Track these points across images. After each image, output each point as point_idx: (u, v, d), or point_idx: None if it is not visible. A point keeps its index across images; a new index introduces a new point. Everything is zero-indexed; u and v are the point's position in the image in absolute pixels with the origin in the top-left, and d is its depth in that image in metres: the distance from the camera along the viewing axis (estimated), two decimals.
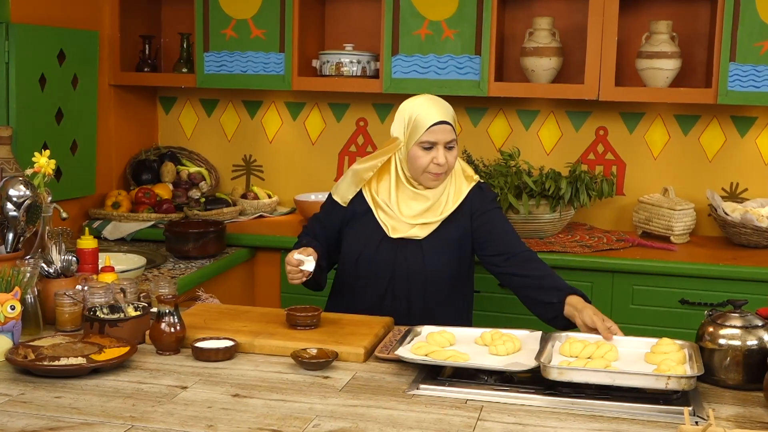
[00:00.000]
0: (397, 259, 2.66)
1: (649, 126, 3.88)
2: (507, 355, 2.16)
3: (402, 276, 2.66)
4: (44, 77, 3.50)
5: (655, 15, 3.74)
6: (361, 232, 2.70)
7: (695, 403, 1.92)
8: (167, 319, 2.23)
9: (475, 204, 2.70)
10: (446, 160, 2.60)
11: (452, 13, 3.65)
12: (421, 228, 2.65)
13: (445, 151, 2.60)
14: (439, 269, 2.65)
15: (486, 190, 2.76)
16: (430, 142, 2.59)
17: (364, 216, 2.69)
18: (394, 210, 2.65)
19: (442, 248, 2.66)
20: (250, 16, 3.86)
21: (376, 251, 2.67)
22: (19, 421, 1.80)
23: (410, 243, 2.65)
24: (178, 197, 4.08)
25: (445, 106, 2.66)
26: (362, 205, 2.71)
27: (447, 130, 2.60)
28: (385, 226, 2.66)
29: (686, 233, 3.65)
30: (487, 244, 2.69)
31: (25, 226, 2.47)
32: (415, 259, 2.65)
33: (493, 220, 2.70)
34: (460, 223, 2.68)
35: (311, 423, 1.81)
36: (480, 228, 2.69)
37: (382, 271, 2.67)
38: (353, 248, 2.70)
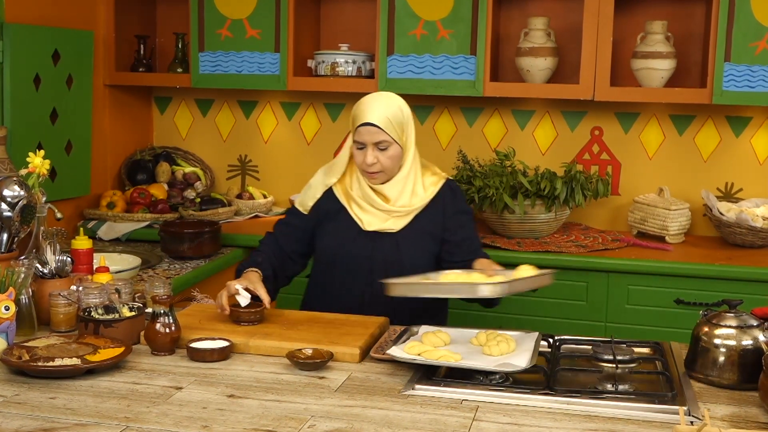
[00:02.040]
0: (373, 252, 2.68)
1: (644, 126, 3.88)
2: (500, 356, 2.16)
3: (379, 269, 2.66)
4: (39, 77, 3.49)
5: (650, 15, 3.74)
6: (336, 229, 2.71)
7: (691, 403, 1.92)
8: (162, 319, 2.22)
9: (448, 203, 2.73)
10: (376, 160, 2.61)
11: (447, 13, 3.65)
12: (395, 220, 2.67)
13: (376, 151, 2.61)
14: (415, 262, 2.67)
15: (457, 191, 2.78)
16: (360, 142, 2.62)
17: (338, 214, 2.71)
18: (366, 203, 2.68)
19: (417, 241, 2.69)
20: (245, 16, 3.85)
21: (352, 245, 2.68)
22: (13, 422, 1.79)
23: (385, 236, 2.68)
24: (173, 197, 4.07)
25: (385, 105, 2.63)
26: (334, 204, 2.72)
27: (373, 131, 2.59)
28: (359, 220, 2.68)
29: (681, 233, 3.65)
30: (455, 249, 2.71)
31: (19, 226, 2.46)
32: (392, 252, 2.68)
33: (465, 226, 2.75)
34: (434, 219, 2.71)
35: (307, 423, 1.81)
36: (451, 231, 2.72)
37: (359, 265, 2.69)
38: (329, 244, 2.72)
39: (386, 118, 2.60)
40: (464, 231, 2.73)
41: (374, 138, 2.59)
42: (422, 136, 4.07)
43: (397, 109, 2.64)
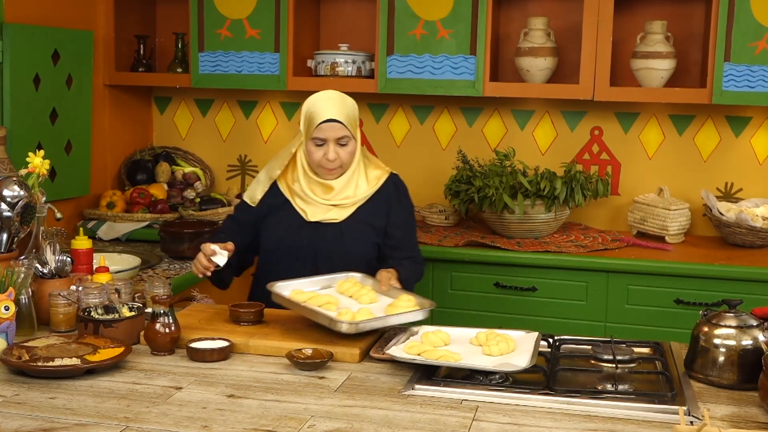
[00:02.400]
0: (317, 242, 2.73)
1: (644, 126, 3.88)
2: (500, 356, 2.16)
3: (324, 260, 2.72)
4: (38, 77, 3.49)
5: (650, 15, 3.74)
6: (280, 221, 2.77)
7: (690, 403, 1.92)
8: (162, 319, 2.22)
9: (392, 199, 2.81)
10: (337, 155, 2.69)
11: (447, 13, 3.65)
12: (338, 211, 2.74)
13: (336, 147, 2.69)
14: (360, 252, 2.74)
15: (401, 187, 2.86)
16: (321, 138, 2.69)
17: (282, 206, 2.77)
18: (309, 195, 2.74)
19: (361, 231, 2.75)
20: (244, 16, 3.85)
21: (297, 236, 2.74)
22: (13, 422, 1.79)
23: (330, 226, 2.74)
24: (173, 197, 4.07)
25: (342, 102, 2.73)
26: (278, 198, 2.79)
27: (336, 127, 2.68)
28: (302, 212, 2.75)
29: (681, 233, 3.65)
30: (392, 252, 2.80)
31: (19, 226, 2.46)
32: (336, 242, 2.73)
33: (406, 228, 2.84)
34: (377, 210, 2.78)
35: (306, 423, 1.81)
36: (393, 228, 2.80)
37: (303, 255, 2.73)
38: (273, 235, 2.77)
39: (347, 115, 2.70)
40: (403, 233, 2.83)
41: (337, 134, 2.68)
42: (422, 136, 4.08)
43: (352, 105, 2.76)
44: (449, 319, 3.47)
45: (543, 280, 3.46)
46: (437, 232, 3.77)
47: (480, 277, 3.51)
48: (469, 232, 3.77)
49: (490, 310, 3.50)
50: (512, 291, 3.48)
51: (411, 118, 4.09)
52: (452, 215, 3.89)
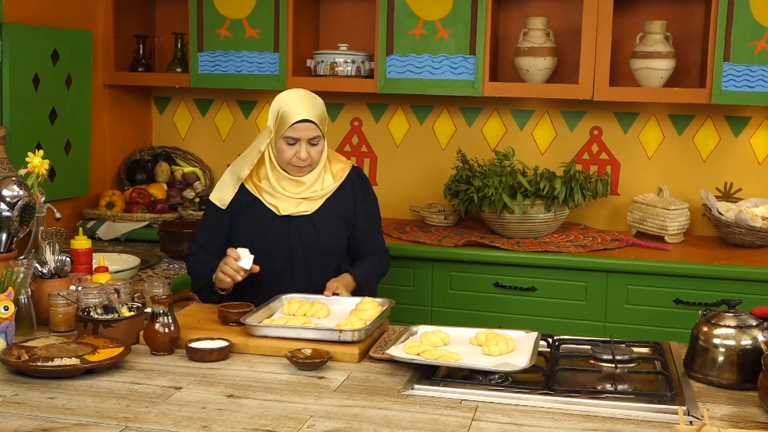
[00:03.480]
0: (291, 235, 2.76)
1: (643, 126, 3.88)
2: (499, 356, 2.16)
3: (298, 252, 2.76)
4: (38, 77, 3.49)
5: (650, 15, 3.74)
6: (251, 217, 2.78)
7: (690, 403, 1.93)
8: (161, 319, 2.22)
9: (357, 190, 2.86)
10: (309, 155, 2.73)
11: (447, 13, 3.65)
12: (308, 203, 2.78)
13: (308, 146, 2.73)
14: (333, 242, 2.79)
15: (364, 178, 2.92)
16: (293, 138, 2.71)
17: (252, 204, 2.79)
18: (279, 190, 2.76)
19: (333, 222, 2.79)
20: (244, 16, 3.85)
21: (269, 231, 2.76)
22: (12, 422, 1.79)
23: (302, 219, 2.77)
24: (172, 197, 4.07)
25: (313, 102, 2.76)
26: (247, 196, 2.80)
27: (310, 127, 2.71)
28: (273, 207, 2.77)
29: (680, 233, 3.65)
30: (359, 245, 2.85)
31: (18, 226, 2.46)
32: (309, 234, 2.76)
33: (370, 220, 2.88)
34: (344, 203, 2.82)
35: (306, 423, 1.81)
36: (359, 221, 2.84)
37: (278, 249, 2.75)
38: (246, 231, 2.77)
39: (318, 115, 2.74)
40: (369, 224, 2.87)
41: (310, 134, 2.71)
42: (421, 136, 4.08)
43: (322, 105, 2.80)
44: (449, 319, 3.47)
45: (542, 280, 3.46)
46: (437, 231, 3.77)
47: (479, 277, 3.51)
48: (468, 232, 3.77)
49: (490, 310, 3.50)
50: (512, 291, 3.48)
51: (410, 117, 4.09)
52: (452, 215, 3.89)
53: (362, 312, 2.40)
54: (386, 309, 2.45)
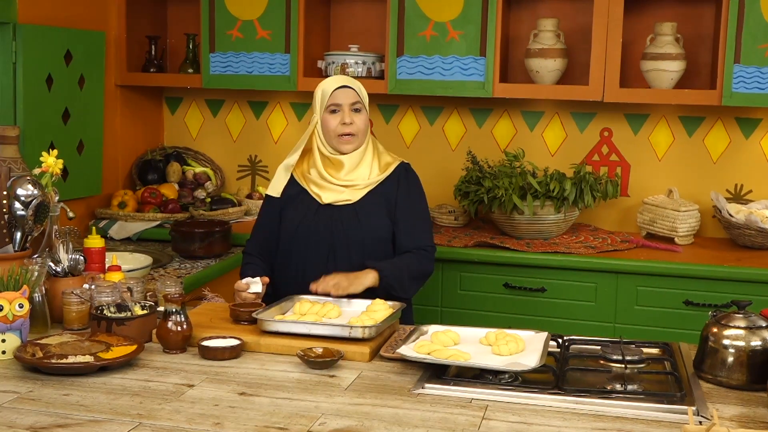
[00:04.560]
0: (333, 224, 2.79)
1: (653, 127, 3.88)
2: (509, 355, 2.17)
3: (341, 241, 2.78)
4: (51, 77, 3.52)
5: (660, 17, 3.75)
6: (297, 207, 2.84)
7: (699, 403, 1.93)
8: (174, 317, 2.24)
9: (402, 183, 2.86)
10: (353, 120, 2.79)
11: (457, 15, 3.66)
12: (351, 192, 2.81)
13: (351, 112, 2.80)
14: (375, 233, 2.80)
15: (411, 173, 2.92)
16: (335, 104, 2.80)
17: (299, 195, 2.85)
18: (324, 176, 2.81)
19: (375, 213, 2.81)
20: (255, 17, 3.87)
21: (313, 219, 2.80)
22: (27, 418, 1.81)
23: (345, 208, 2.80)
24: (183, 197, 4.09)
25: (350, 79, 2.88)
26: (294, 188, 2.87)
27: (349, 93, 2.81)
28: (317, 196, 2.82)
29: (690, 234, 3.65)
30: (401, 237, 2.83)
31: (32, 225, 2.48)
32: (351, 223, 2.79)
33: (412, 213, 2.86)
34: (389, 194, 2.83)
35: (317, 421, 1.82)
36: (400, 212, 2.84)
37: (321, 238, 2.79)
38: (291, 220, 2.83)
39: (357, 86, 2.84)
40: (408, 216, 2.85)
41: (350, 99, 2.80)
42: (432, 137, 4.09)
43: (360, 84, 2.88)
44: (458, 319, 3.48)
45: (552, 281, 3.47)
46: (447, 232, 3.78)
47: (489, 277, 3.52)
48: (478, 232, 3.78)
49: (500, 311, 3.51)
50: (521, 291, 3.49)
51: (420, 118, 4.10)
52: (462, 216, 3.90)
53: (373, 313, 2.41)
54: (397, 310, 2.46)
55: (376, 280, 2.69)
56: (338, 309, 2.48)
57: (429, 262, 2.85)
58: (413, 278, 2.78)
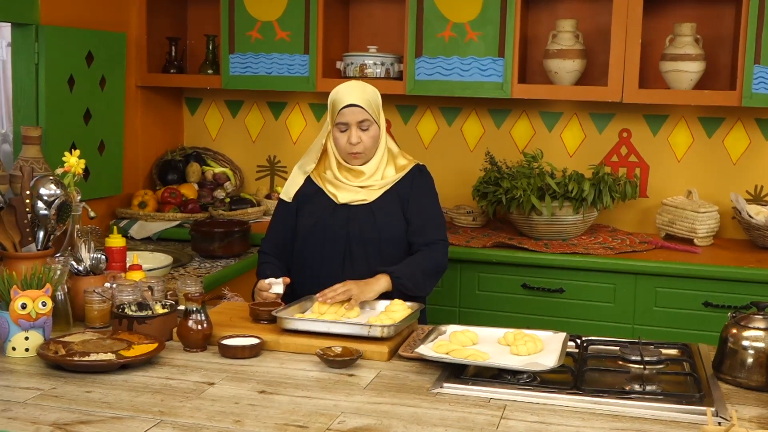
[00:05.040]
0: (349, 223, 2.80)
1: (672, 128, 3.87)
2: (528, 356, 2.18)
3: (357, 240, 2.79)
4: (73, 78, 3.55)
5: (679, 17, 3.74)
6: (313, 206, 2.85)
7: (718, 404, 1.93)
8: (194, 316, 2.26)
9: (416, 182, 2.86)
10: (360, 140, 2.76)
11: (476, 16, 3.67)
12: (367, 192, 2.81)
13: (358, 131, 2.76)
14: (390, 232, 2.80)
15: (425, 173, 2.91)
16: (344, 123, 2.77)
17: (315, 195, 2.86)
18: (340, 179, 2.82)
19: (391, 212, 2.81)
20: (275, 18, 3.89)
21: (330, 218, 2.81)
22: (51, 414, 1.83)
23: (360, 208, 2.81)
24: (203, 197, 4.12)
25: (362, 89, 2.80)
26: (311, 187, 2.87)
27: (356, 111, 2.76)
28: (333, 196, 2.82)
29: (710, 236, 3.64)
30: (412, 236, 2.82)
31: (55, 224, 2.51)
32: (367, 222, 2.79)
33: (425, 211, 2.84)
34: (403, 192, 2.83)
35: (336, 420, 1.83)
36: (412, 211, 2.83)
37: (337, 237, 2.80)
38: (307, 219, 2.84)
39: (367, 100, 2.78)
40: (420, 211, 2.84)
41: (357, 117, 2.76)
42: (450, 138, 4.10)
43: (373, 92, 2.83)
44: (476, 319, 3.49)
45: (570, 282, 3.46)
46: (465, 233, 3.78)
47: (507, 278, 3.52)
48: (496, 233, 3.78)
49: (518, 311, 3.51)
50: (540, 292, 3.49)
51: (439, 119, 4.11)
52: (480, 216, 3.90)
53: (392, 313, 2.42)
54: (415, 310, 2.47)
55: (389, 285, 2.65)
56: (357, 309, 2.49)
57: (442, 256, 2.83)
58: (427, 275, 2.77)
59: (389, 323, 2.30)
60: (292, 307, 2.46)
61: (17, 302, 2.16)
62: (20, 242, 2.45)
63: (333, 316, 2.42)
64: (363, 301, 2.54)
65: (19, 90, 3.41)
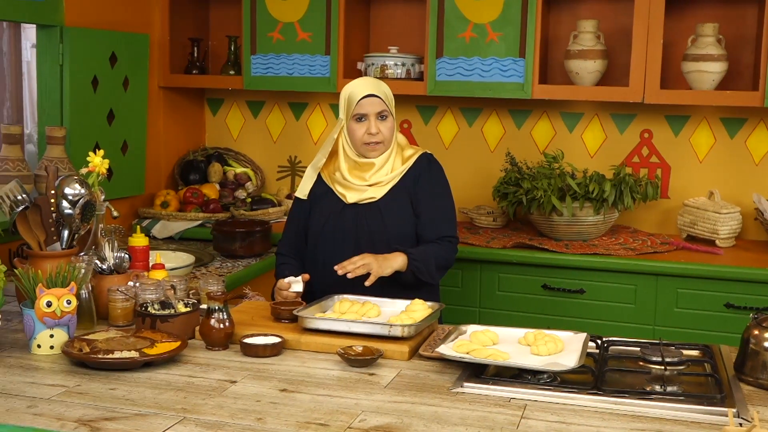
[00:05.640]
0: (358, 222, 2.82)
1: (694, 129, 3.86)
2: (548, 356, 2.18)
3: (366, 239, 2.81)
4: (96, 79, 3.59)
5: (702, 17, 3.72)
6: (323, 207, 2.87)
7: (740, 405, 1.92)
8: (217, 315, 2.27)
9: (423, 168, 2.87)
10: (379, 129, 2.80)
11: (497, 16, 3.67)
12: (375, 189, 2.83)
13: (377, 121, 2.80)
14: (399, 229, 2.81)
15: (433, 160, 2.92)
16: (361, 114, 2.79)
17: (325, 195, 2.88)
18: (348, 179, 2.83)
19: (399, 208, 2.82)
20: (296, 19, 3.91)
21: (338, 218, 2.83)
22: (76, 411, 1.86)
23: (368, 206, 2.83)
24: (224, 197, 4.14)
25: (377, 83, 2.85)
26: (321, 187, 2.90)
27: (375, 102, 2.79)
28: (342, 196, 2.84)
29: (732, 237, 3.62)
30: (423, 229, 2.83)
31: (79, 223, 2.54)
32: (375, 221, 2.81)
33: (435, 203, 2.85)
34: (411, 187, 2.85)
35: (357, 418, 1.84)
36: (421, 203, 2.83)
37: (346, 236, 2.82)
38: (317, 220, 2.87)
39: (383, 92, 2.83)
40: (431, 209, 2.84)
41: (376, 108, 2.79)
42: (470, 138, 4.10)
43: (386, 87, 2.87)
44: (497, 320, 3.49)
45: (591, 283, 3.46)
46: (485, 233, 3.79)
47: (528, 278, 3.52)
48: (517, 233, 3.78)
49: (538, 312, 3.51)
50: (560, 293, 3.49)
51: (459, 120, 4.11)
52: (500, 217, 3.91)
53: (412, 312, 2.43)
54: (436, 310, 2.48)
55: (405, 264, 2.71)
56: (378, 308, 2.50)
57: (452, 253, 2.87)
58: (439, 267, 2.82)
59: (410, 323, 2.31)
60: (313, 307, 2.48)
61: (42, 300, 2.19)
62: (45, 241, 2.48)
63: (353, 315, 2.43)
64: (378, 276, 2.61)
65: (43, 91, 3.45)
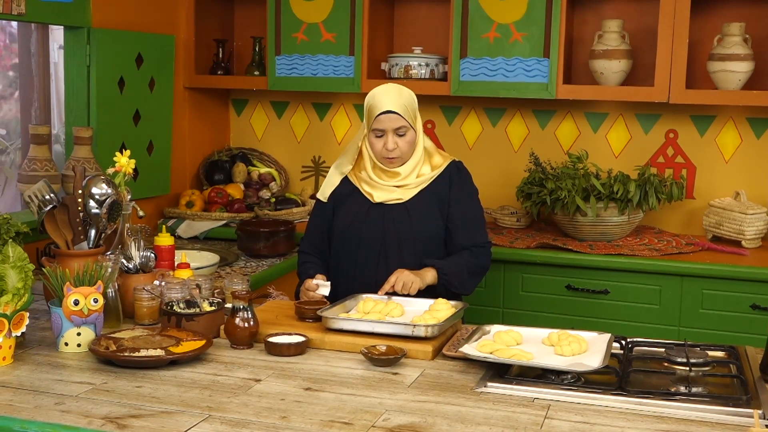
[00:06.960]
0: (385, 222, 2.81)
1: (720, 129, 3.83)
2: (572, 356, 2.17)
3: (392, 240, 2.80)
4: (123, 80, 3.62)
5: (728, 17, 3.69)
6: (349, 206, 2.86)
7: (765, 407, 1.91)
8: (241, 314, 2.29)
9: (454, 180, 2.86)
10: (397, 146, 2.77)
11: (521, 16, 3.66)
12: (403, 191, 2.82)
13: (395, 137, 2.77)
14: (426, 231, 2.81)
15: (463, 170, 2.90)
16: (380, 129, 2.78)
17: (351, 194, 2.87)
18: (375, 179, 2.83)
19: (427, 211, 2.81)
20: (320, 20, 3.93)
21: (365, 217, 2.83)
22: (102, 408, 1.88)
23: (396, 207, 2.82)
24: (249, 197, 4.17)
25: (399, 94, 2.79)
26: (348, 187, 2.89)
27: (393, 118, 2.75)
28: (369, 195, 2.83)
29: (758, 238, 3.60)
30: (456, 232, 2.83)
31: (106, 223, 2.56)
32: (402, 222, 2.80)
33: (467, 209, 2.86)
34: (441, 193, 2.83)
35: (381, 417, 1.85)
36: (454, 209, 2.83)
37: (372, 236, 2.81)
38: (343, 219, 2.86)
39: (403, 105, 2.78)
40: (463, 214, 2.84)
41: (394, 124, 2.76)
42: (494, 138, 4.10)
43: (410, 96, 2.82)
44: (520, 320, 3.49)
45: (615, 283, 3.45)
46: (509, 234, 3.78)
47: (552, 279, 3.52)
48: (540, 234, 3.77)
49: (562, 312, 3.50)
50: (584, 293, 3.48)
51: (483, 120, 4.11)
52: (524, 217, 3.90)
53: (436, 312, 2.44)
54: (459, 310, 2.48)
55: (435, 279, 2.73)
56: (401, 308, 2.51)
57: (486, 258, 2.89)
58: (472, 274, 2.82)
59: (433, 323, 2.31)
60: (337, 307, 2.49)
61: (70, 299, 2.22)
62: (72, 240, 2.51)
63: (377, 315, 2.44)
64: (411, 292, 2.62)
65: (70, 91, 3.49)
